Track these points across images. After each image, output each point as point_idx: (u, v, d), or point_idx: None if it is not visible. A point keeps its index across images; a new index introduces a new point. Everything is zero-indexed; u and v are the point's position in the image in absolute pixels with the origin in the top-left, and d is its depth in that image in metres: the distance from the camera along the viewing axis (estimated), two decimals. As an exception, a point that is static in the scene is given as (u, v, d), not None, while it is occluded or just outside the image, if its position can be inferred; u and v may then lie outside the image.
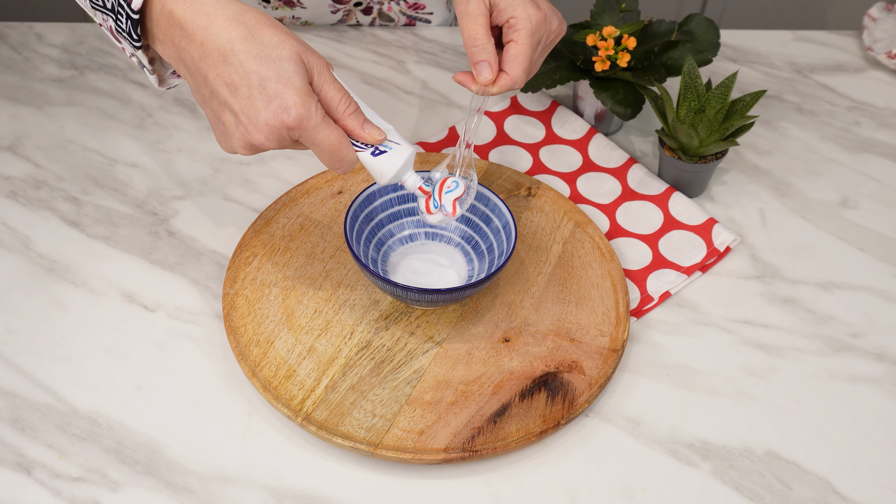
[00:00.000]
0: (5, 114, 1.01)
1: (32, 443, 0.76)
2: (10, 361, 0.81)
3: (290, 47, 0.68)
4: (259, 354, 0.80)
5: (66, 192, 0.94)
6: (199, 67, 0.68)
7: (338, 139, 0.70)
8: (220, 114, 0.70)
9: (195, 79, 0.70)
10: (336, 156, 0.71)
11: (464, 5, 0.80)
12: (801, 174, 1.03)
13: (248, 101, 0.67)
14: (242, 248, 0.88)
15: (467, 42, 0.80)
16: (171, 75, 0.78)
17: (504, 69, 0.80)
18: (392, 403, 0.78)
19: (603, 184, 0.99)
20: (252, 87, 0.67)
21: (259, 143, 0.69)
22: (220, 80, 0.68)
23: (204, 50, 0.67)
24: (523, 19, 0.79)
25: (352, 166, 0.72)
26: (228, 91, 0.68)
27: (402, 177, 0.76)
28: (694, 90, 0.93)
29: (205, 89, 0.70)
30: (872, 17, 1.18)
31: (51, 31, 1.11)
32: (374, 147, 0.73)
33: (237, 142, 0.70)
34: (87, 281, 0.87)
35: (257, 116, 0.68)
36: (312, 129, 0.69)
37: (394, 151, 0.74)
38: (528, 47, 0.80)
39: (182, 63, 0.70)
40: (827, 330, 0.88)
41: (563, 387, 0.80)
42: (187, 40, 0.68)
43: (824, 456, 0.79)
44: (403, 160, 0.74)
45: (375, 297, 0.85)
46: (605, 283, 0.87)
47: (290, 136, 0.69)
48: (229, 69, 0.67)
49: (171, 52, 0.70)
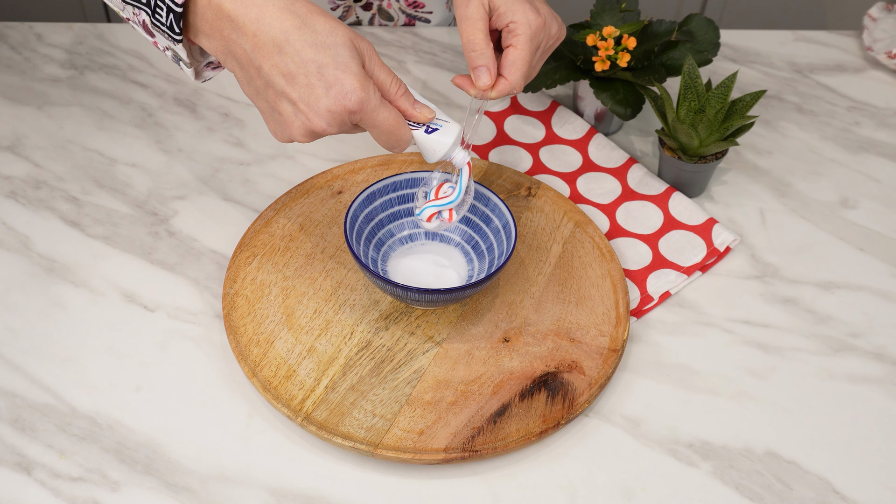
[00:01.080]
0: (5, 114, 1.02)
1: (32, 443, 0.76)
2: (10, 361, 0.81)
3: (342, 34, 0.69)
4: (259, 354, 0.80)
5: (66, 192, 0.94)
6: (253, 59, 0.69)
7: (395, 119, 0.72)
8: (277, 104, 0.70)
9: (247, 71, 0.70)
10: (395, 135, 0.73)
11: (463, 9, 0.80)
12: (801, 174, 1.03)
13: (307, 88, 0.68)
14: (242, 248, 0.88)
15: (466, 46, 0.80)
16: (205, 67, 0.78)
17: (503, 74, 0.80)
18: (392, 403, 0.78)
19: (603, 184, 0.99)
20: (310, 74, 0.68)
21: (321, 129, 0.70)
22: (276, 71, 0.68)
23: (257, 41, 0.68)
24: (523, 24, 0.79)
25: (408, 145, 0.75)
26: (285, 80, 0.68)
27: (452, 153, 0.77)
28: (694, 90, 0.93)
29: (258, 81, 0.70)
30: (872, 17, 1.18)
31: (51, 31, 1.11)
32: (427, 125, 0.75)
33: (297, 130, 0.71)
34: (87, 281, 0.87)
35: (318, 103, 0.69)
36: (372, 112, 0.70)
37: (444, 129, 0.76)
38: (527, 52, 0.80)
39: (231, 56, 0.70)
40: (827, 330, 0.88)
41: (563, 387, 0.80)
42: (238, 32, 0.68)
43: (824, 456, 0.79)
44: (454, 137, 0.76)
45: (375, 297, 0.85)
46: (605, 283, 0.87)
47: (351, 119, 0.70)
48: (285, 59, 0.68)
49: (218, 45, 0.70)
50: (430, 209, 0.81)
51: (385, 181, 0.86)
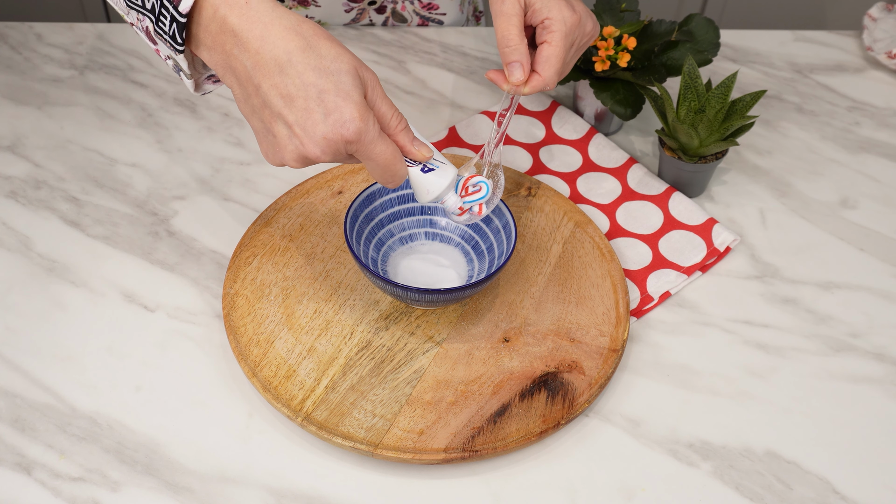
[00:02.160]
0: (5, 114, 1.02)
1: (32, 443, 0.76)
2: (10, 361, 0.81)
3: (347, 61, 0.67)
4: (259, 354, 0.80)
5: (66, 192, 0.94)
6: (252, 77, 0.67)
7: (392, 154, 0.70)
8: (272, 125, 0.68)
9: (245, 88, 0.68)
10: (390, 170, 0.70)
11: (498, 4, 0.80)
12: (801, 174, 1.03)
13: (304, 112, 0.66)
14: (242, 248, 0.88)
15: (500, 42, 0.79)
16: (206, 80, 0.75)
17: (536, 70, 0.80)
18: (392, 403, 0.78)
19: (603, 184, 0.99)
20: (310, 98, 0.66)
21: (314, 157, 0.68)
22: (275, 91, 0.66)
23: (259, 59, 0.66)
24: (558, 21, 0.79)
25: (402, 181, 0.72)
26: (283, 102, 0.66)
27: (445, 196, 0.76)
28: (694, 90, 0.93)
29: (255, 99, 0.68)
30: (872, 17, 1.18)
31: (51, 31, 1.11)
32: (423, 164, 0.74)
33: (289, 154, 0.68)
34: (87, 281, 0.87)
35: (314, 129, 0.66)
36: (369, 144, 0.68)
37: (440, 170, 0.74)
38: (561, 49, 0.79)
39: (231, 71, 0.68)
40: (827, 330, 0.88)
41: (563, 387, 0.80)
42: (240, 48, 0.66)
43: (824, 456, 0.79)
44: (449, 180, 0.75)
45: (375, 297, 0.85)
46: (605, 283, 0.87)
47: (347, 149, 0.68)
48: (286, 80, 0.66)
49: (219, 58, 0.68)
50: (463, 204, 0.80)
51: (385, 181, 0.86)
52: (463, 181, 0.80)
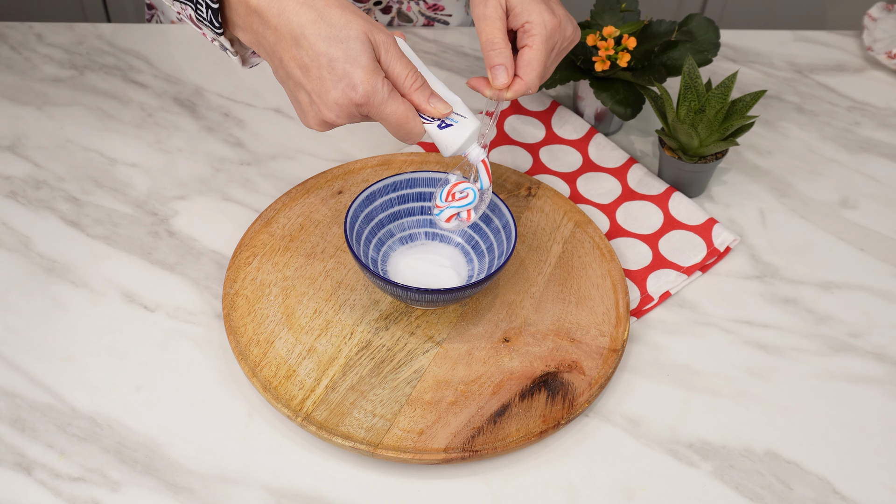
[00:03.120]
0: (5, 114, 1.02)
1: (32, 443, 0.76)
2: (10, 361, 0.81)
3: (357, 27, 0.71)
4: (259, 354, 0.80)
5: (66, 192, 0.94)
6: (276, 51, 0.73)
7: (404, 113, 0.73)
8: (296, 93, 0.74)
9: (273, 61, 0.74)
10: (404, 128, 0.74)
11: (481, 8, 0.80)
12: (801, 174, 1.03)
13: (318, 81, 0.71)
14: (242, 248, 0.88)
15: (485, 45, 0.80)
16: (251, 55, 0.82)
17: (518, 74, 0.81)
18: (392, 403, 0.78)
19: (603, 184, 0.99)
20: (322, 67, 0.71)
21: (331, 121, 0.73)
22: (294, 63, 0.72)
23: (278, 34, 0.71)
24: (539, 24, 0.80)
25: (419, 138, 0.75)
26: (301, 72, 0.72)
27: (465, 150, 0.78)
28: (694, 90, 0.93)
29: (281, 71, 0.74)
30: (872, 17, 1.18)
31: (51, 31, 1.11)
32: (441, 120, 0.76)
33: (312, 119, 0.74)
34: (87, 281, 0.87)
35: (328, 96, 0.71)
36: (379, 105, 0.72)
37: (459, 125, 0.76)
38: (542, 53, 0.80)
39: (261, 47, 0.74)
40: (827, 330, 0.88)
41: (563, 387, 0.80)
42: (264, 26, 0.72)
43: (824, 456, 0.79)
44: (468, 135, 0.76)
45: (375, 297, 0.85)
46: (605, 283, 0.87)
47: (359, 112, 0.73)
48: (301, 52, 0.71)
49: (250, 37, 0.75)
50: (449, 210, 0.81)
51: (385, 181, 0.86)
52: (448, 188, 0.81)
